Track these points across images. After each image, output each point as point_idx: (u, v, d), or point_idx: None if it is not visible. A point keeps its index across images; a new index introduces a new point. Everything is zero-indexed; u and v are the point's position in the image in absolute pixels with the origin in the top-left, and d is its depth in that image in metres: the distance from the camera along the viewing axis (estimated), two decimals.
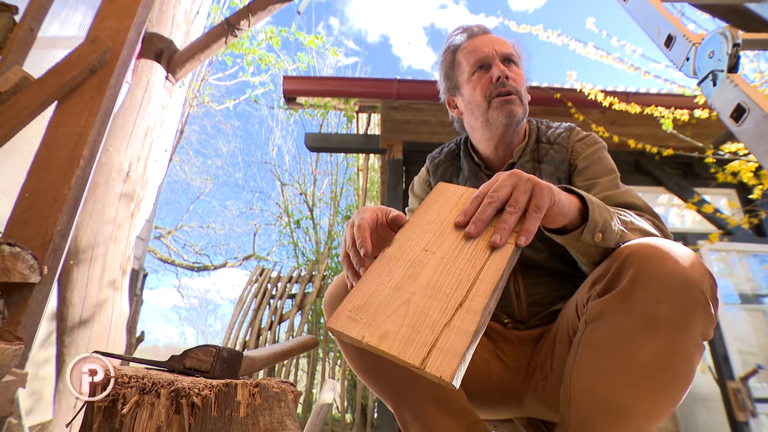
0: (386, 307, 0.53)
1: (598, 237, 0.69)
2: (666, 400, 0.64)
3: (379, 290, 0.55)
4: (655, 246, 0.65)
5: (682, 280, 0.61)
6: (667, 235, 0.81)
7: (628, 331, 0.64)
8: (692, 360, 0.63)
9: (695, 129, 3.15)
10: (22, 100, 1.01)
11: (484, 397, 0.93)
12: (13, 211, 0.95)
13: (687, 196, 3.68)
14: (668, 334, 0.61)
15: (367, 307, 0.53)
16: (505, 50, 1.03)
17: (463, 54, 1.07)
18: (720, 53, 0.96)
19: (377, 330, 0.50)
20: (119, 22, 1.18)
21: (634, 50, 3.47)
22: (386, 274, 0.58)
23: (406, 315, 0.52)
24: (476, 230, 0.59)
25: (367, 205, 4.69)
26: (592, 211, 0.68)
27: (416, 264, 0.58)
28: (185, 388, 0.53)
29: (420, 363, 0.46)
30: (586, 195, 0.70)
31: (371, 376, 0.83)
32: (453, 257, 0.59)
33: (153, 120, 2.55)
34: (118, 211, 2.30)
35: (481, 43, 1.05)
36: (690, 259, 0.64)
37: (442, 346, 0.48)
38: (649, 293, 0.63)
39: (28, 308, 0.87)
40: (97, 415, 0.55)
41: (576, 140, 1.04)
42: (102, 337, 2.03)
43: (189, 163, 12.36)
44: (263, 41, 4.88)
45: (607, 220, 0.69)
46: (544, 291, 0.97)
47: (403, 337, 0.49)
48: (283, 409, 0.54)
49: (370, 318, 0.52)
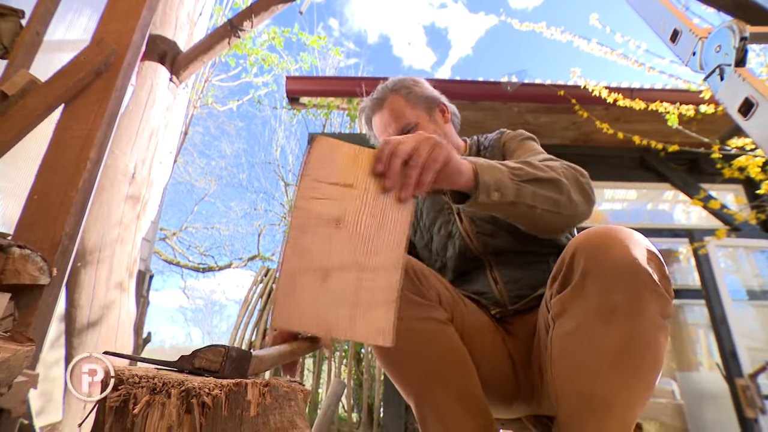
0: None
1: (496, 195, 0.73)
2: (639, 387, 0.65)
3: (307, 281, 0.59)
4: (601, 236, 0.67)
5: (628, 266, 0.63)
6: (579, 174, 0.86)
7: (587, 324, 0.66)
8: (655, 342, 0.64)
9: (701, 124, 3.12)
10: (29, 103, 1.02)
11: (499, 395, 0.94)
12: (22, 214, 0.96)
13: (693, 192, 3.66)
14: (624, 322, 0.63)
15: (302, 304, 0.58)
16: (397, 128, 1.14)
17: (375, 134, 1.22)
18: (727, 47, 0.95)
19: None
20: (124, 25, 1.19)
21: (639, 46, 3.44)
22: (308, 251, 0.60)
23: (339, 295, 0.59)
24: (391, 183, 0.63)
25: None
26: (481, 173, 0.72)
27: (330, 238, 0.61)
28: (195, 388, 0.53)
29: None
30: (474, 159, 0.74)
31: (394, 367, 0.85)
32: (365, 219, 0.62)
33: (157, 122, 2.57)
34: (124, 213, 2.31)
35: (380, 127, 1.18)
36: (634, 243, 0.66)
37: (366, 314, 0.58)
38: (599, 284, 0.65)
39: (38, 310, 0.88)
40: (109, 415, 0.55)
41: (505, 139, 1.14)
42: (110, 338, 2.04)
43: (193, 164, 12.42)
44: (266, 42, 4.89)
45: (500, 179, 0.73)
46: (519, 272, 1.01)
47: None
48: (293, 408, 0.54)
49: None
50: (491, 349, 0.93)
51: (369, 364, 3.93)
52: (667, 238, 3.87)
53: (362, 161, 0.64)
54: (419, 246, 1.23)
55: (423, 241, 1.20)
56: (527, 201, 0.77)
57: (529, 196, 0.77)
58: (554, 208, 0.80)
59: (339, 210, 0.62)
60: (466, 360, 0.84)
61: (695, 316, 4.47)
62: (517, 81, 3.56)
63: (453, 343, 0.84)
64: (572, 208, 0.82)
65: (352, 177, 0.63)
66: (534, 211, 0.78)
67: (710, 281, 3.47)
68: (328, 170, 0.63)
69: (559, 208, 0.81)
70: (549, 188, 0.79)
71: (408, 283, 0.82)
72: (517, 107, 3.67)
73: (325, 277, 0.59)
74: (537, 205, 0.78)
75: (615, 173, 4.03)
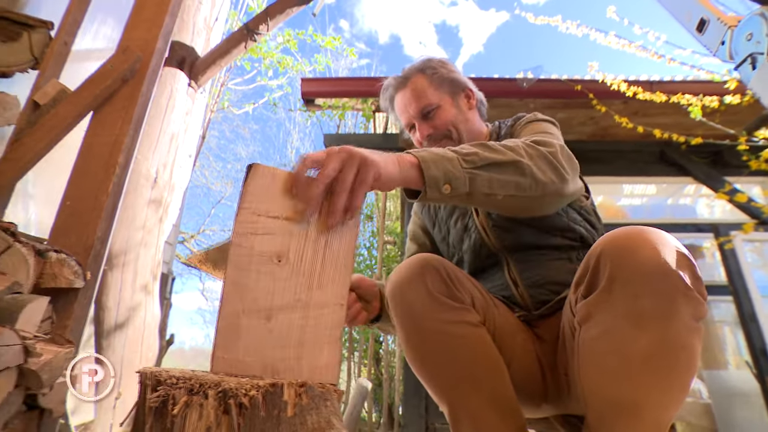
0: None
1: (447, 188, 0.69)
2: (673, 389, 0.63)
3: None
4: (627, 238, 0.65)
5: (658, 270, 0.61)
6: (547, 149, 0.81)
7: (617, 329, 0.64)
8: (689, 346, 0.62)
9: (724, 116, 3.04)
10: (60, 112, 1.04)
11: (528, 396, 0.93)
12: (56, 219, 0.99)
13: (717, 185, 3.56)
14: (655, 327, 0.61)
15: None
16: (418, 108, 1.10)
17: (397, 114, 1.18)
18: (759, 35, 0.93)
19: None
20: (148, 32, 1.21)
21: (658, 37, 3.36)
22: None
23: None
24: (311, 209, 0.59)
25: (386, 203, 4.64)
26: (426, 169, 0.68)
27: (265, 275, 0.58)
28: (232, 389, 0.54)
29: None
30: (420, 153, 0.70)
31: (428, 371, 0.84)
32: (308, 253, 0.60)
33: (177, 126, 2.61)
34: (148, 217, 2.36)
35: (401, 107, 1.14)
36: (663, 245, 0.63)
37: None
38: (627, 290, 0.62)
39: (74, 313, 0.90)
40: (149, 416, 0.56)
41: (518, 125, 1.08)
42: (136, 340, 2.09)
43: (209, 167, 12.61)
44: (281, 45, 4.94)
45: (449, 170, 0.69)
46: (539, 273, 0.98)
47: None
48: (329, 408, 0.54)
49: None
50: (521, 351, 0.92)
51: (388, 363, 3.93)
52: (690, 233, 3.78)
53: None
54: (437, 240, 1.20)
55: (441, 235, 1.18)
56: (484, 190, 0.72)
57: (485, 183, 0.72)
58: (518, 192, 0.75)
59: (281, 245, 0.59)
60: (500, 363, 0.83)
61: (722, 313, 4.35)
62: (533, 77, 3.52)
63: (486, 347, 0.83)
64: (540, 188, 0.77)
65: (292, 208, 0.60)
66: (494, 198, 0.74)
67: (737, 277, 3.38)
68: (268, 202, 0.59)
69: (523, 191, 0.76)
70: (508, 171, 0.74)
71: (441, 285, 0.82)
72: (533, 103, 3.63)
73: (269, 318, 0.57)
74: (496, 192, 0.73)
75: (634, 168, 3.95)
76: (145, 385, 0.58)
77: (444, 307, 0.80)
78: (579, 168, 0.88)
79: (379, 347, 4.17)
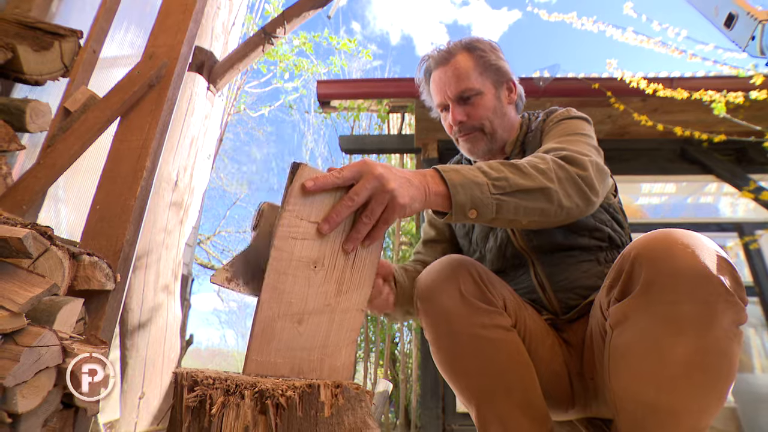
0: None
1: (473, 214, 0.70)
2: (711, 397, 0.61)
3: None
4: (664, 241, 0.63)
5: (697, 275, 0.59)
6: (577, 171, 0.78)
7: (654, 334, 0.63)
8: (729, 352, 0.60)
9: (749, 112, 2.96)
10: (90, 118, 1.07)
11: (556, 399, 0.92)
12: (86, 223, 1.01)
13: (741, 183, 3.47)
14: (696, 333, 0.60)
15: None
16: (457, 90, 1.05)
17: (431, 90, 1.12)
18: None
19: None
20: (173, 38, 1.23)
21: (678, 33, 3.30)
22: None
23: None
24: (329, 228, 0.60)
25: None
26: (455, 194, 0.68)
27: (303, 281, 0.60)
28: (269, 390, 0.54)
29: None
30: (448, 177, 0.69)
31: (457, 374, 0.84)
32: (339, 260, 0.62)
33: (197, 130, 2.65)
34: (169, 219, 2.40)
35: (438, 85, 1.08)
36: (701, 248, 0.61)
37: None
38: (666, 295, 0.61)
39: (105, 314, 0.93)
40: (187, 415, 0.57)
41: (549, 121, 1.05)
42: (159, 339, 2.12)
43: (225, 170, 12.76)
44: (296, 47, 4.98)
45: (477, 197, 0.69)
46: (566, 276, 0.96)
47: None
48: (364, 409, 0.54)
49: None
50: (549, 355, 0.91)
51: (405, 364, 3.93)
52: (713, 233, 3.68)
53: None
54: (459, 234, 1.17)
55: (464, 229, 1.15)
56: (509, 216, 0.73)
57: (510, 210, 0.72)
58: (540, 218, 0.76)
59: (318, 252, 0.60)
60: (530, 368, 0.82)
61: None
62: (550, 76, 3.48)
63: (518, 351, 0.82)
64: (563, 214, 0.77)
65: (327, 215, 0.61)
66: (517, 222, 0.75)
67: (763, 277, 3.29)
68: (310, 206, 0.60)
69: (546, 217, 0.76)
70: (535, 199, 0.74)
71: (474, 288, 0.81)
72: (549, 102, 3.59)
73: (301, 321, 0.59)
74: (520, 218, 0.74)
75: (653, 166, 3.87)
76: (181, 385, 0.59)
77: (477, 310, 0.80)
78: (608, 173, 0.88)
79: (395, 348, 4.17)
